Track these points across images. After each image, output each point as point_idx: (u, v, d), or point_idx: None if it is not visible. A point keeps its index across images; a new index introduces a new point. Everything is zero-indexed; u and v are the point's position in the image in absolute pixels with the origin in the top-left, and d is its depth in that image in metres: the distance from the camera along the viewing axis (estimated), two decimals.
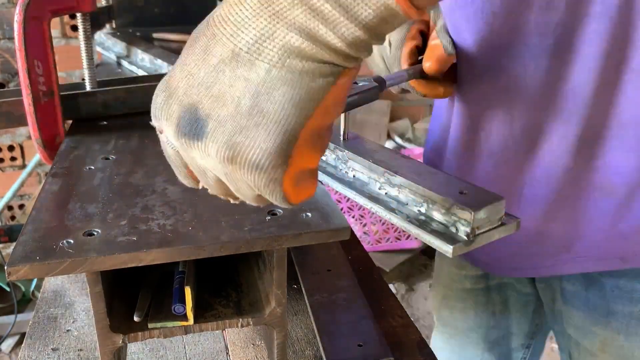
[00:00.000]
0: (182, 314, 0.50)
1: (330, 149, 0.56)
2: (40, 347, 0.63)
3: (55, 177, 0.54)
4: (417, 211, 0.49)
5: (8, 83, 2.26)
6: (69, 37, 2.34)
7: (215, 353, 0.64)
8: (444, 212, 0.46)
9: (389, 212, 0.50)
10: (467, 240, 0.45)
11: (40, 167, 2.39)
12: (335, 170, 0.56)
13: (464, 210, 0.45)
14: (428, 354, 0.64)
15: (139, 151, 0.61)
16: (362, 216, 2.38)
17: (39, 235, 0.44)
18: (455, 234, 0.45)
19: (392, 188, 0.51)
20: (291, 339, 0.66)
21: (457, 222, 0.45)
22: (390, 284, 2.32)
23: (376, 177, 0.52)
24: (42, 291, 0.73)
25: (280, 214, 0.48)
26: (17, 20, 0.62)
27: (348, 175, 0.55)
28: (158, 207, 0.48)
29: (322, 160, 0.57)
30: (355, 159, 0.54)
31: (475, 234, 0.45)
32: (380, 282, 0.77)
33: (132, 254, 0.42)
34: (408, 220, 0.48)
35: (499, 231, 0.46)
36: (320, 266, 0.76)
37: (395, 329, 0.68)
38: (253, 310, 0.52)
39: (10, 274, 0.40)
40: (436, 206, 0.47)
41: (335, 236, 0.46)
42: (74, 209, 0.48)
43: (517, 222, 0.47)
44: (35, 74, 0.63)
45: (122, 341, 0.48)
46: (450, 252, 0.44)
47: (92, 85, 0.72)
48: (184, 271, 0.52)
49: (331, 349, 0.60)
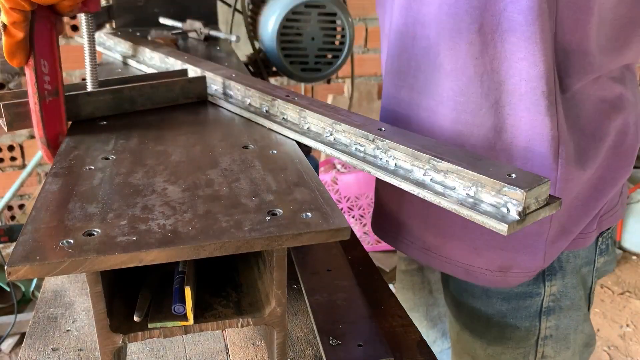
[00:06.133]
0: (182, 314, 0.50)
1: (369, 139, 0.58)
2: (40, 347, 0.63)
3: (55, 177, 0.54)
4: (466, 194, 0.50)
5: (8, 83, 2.26)
6: (69, 37, 2.34)
7: (215, 353, 0.64)
8: (494, 194, 0.48)
9: (437, 196, 0.51)
10: (519, 219, 0.47)
11: (40, 167, 2.40)
12: (376, 159, 0.58)
13: (515, 190, 0.46)
14: (428, 354, 0.64)
15: (139, 151, 0.61)
16: (362, 216, 2.38)
17: (39, 235, 0.44)
18: (507, 214, 0.47)
19: (438, 174, 0.52)
20: (291, 339, 0.66)
21: (508, 202, 0.47)
22: (390, 284, 2.32)
23: (420, 164, 0.53)
24: (42, 291, 0.73)
25: (281, 214, 0.48)
26: None
27: (390, 164, 0.56)
28: (158, 207, 0.49)
29: (361, 150, 0.59)
30: (398, 148, 0.55)
31: (526, 213, 0.47)
32: (380, 282, 0.77)
33: (132, 254, 0.42)
34: (459, 202, 0.50)
35: (544, 210, 0.48)
36: (320, 266, 0.76)
37: (395, 329, 0.68)
38: (253, 310, 0.52)
39: (10, 274, 0.40)
40: (486, 188, 0.49)
41: (335, 236, 0.46)
42: (74, 209, 0.48)
43: (559, 202, 0.49)
44: (42, 72, 0.63)
45: (122, 341, 0.48)
46: (506, 230, 0.46)
47: (94, 86, 0.73)
48: (184, 271, 0.52)
49: (331, 349, 0.61)
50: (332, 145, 0.61)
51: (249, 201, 0.50)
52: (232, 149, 0.62)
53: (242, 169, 0.56)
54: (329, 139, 0.62)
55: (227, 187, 0.53)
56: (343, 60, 1.18)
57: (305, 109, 0.64)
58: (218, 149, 0.62)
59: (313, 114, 0.63)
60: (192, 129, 0.68)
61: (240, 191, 0.52)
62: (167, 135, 0.65)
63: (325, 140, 0.62)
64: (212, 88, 0.77)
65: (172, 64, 0.86)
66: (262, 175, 0.55)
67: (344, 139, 0.61)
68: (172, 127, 0.68)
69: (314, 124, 0.64)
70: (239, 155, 0.60)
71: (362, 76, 2.76)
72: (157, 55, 0.90)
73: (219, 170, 0.56)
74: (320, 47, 1.15)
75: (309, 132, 0.64)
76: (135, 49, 0.97)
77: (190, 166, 0.57)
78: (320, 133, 0.63)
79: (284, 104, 0.67)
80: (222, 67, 0.80)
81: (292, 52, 1.14)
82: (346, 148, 0.60)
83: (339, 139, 0.61)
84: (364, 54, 2.72)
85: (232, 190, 0.52)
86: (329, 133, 0.62)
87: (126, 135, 0.65)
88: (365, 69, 2.75)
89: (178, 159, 0.59)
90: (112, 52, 1.03)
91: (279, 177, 0.55)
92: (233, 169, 0.56)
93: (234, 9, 1.35)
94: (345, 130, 0.60)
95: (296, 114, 0.66)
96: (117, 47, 1.02)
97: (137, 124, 0.69)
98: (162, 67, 0.89)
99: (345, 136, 0.60)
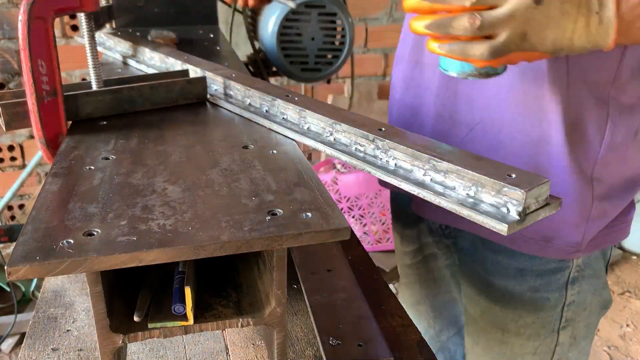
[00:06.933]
0: (182, 314, 0.50)
1: (369, 139, 0.58)
2: (40, 347, 0.63)
3: (55, 177, 0.54)
4: (466, 194, 0.50)
5: (8, 83, 2.26)
6: (69, 37, 2.34)
7: (215, 353, 0.64)
8: (494, 194, 0.48)
9: (437, 196, 0.51)
10: (519, 219, 0.47)
11: (40, 167, 2.39)
12: (376, 159, 0.58)
13: (515, 191, 0.47)
14: (428, 354, 0.64)
15: (139, 151, 0.61)
16: (362, 216, 2.38)
17: (39, 235, 0.44)
18: (507, 214, 0.47)
19: (438, 174, 0.52)
20: (291, 339, 0.66)
21: (508, 202, 0.47)
22: (390, 284, 2.32)
23: (420, 164, 0.54)
24: (42, 291, 0.73)
25: (281, 214, 0.48)
26: (21, 19, 0.62)
27: (390, 164, 0.56)
28: (158, 207, 0.48)
29: (361, 150, 0.59)
30: (397, 148, 0.55)
31: (526, 213, 0.47)
32: (380, 282, 0.77)
33: (132, 254, 0.42)
34: (459, 202, 0.50)
35: (544, 210, 0.49)
36: (320, 266, 0.76)
37: (395, 329, 0.68)
38: (253, 310, 0.52)
39: (10, 274, 0.40)
40: (486, 189, 0.49)
41: (335, 236, 0.46)
42: (74, 209, 0.48)
43: (559, 202, 0.50)
44: (39, 73, 0.63)
45: (122, 341, 0.48)
46: (506, 230, 0.46)
47: (98, 85, 0.73)
48: (184, 271, 0.52)
49: (331, 349, 0.60)
50: (332, 145, 0.61)
51: (249, 201, 0.50)
52: (232, 149, 0.62)
53: (242, 169, 0.56)
54: (329, 139, 0.62)
55: (227, 187, 0.53)
56: (343, 60, 1.18)
57: (305, 109, 0.64)
58: (218, 149, 0.62)
59: (313, 114, 0.63)
60: (192, 129, 0.68)
61: (240, 191, 0.52)
62: (167, 135, 0.65)
63: (325, 140, 0.62)
64: (212, 88, 0.77)
65: (172, 64, 0.86)
66: (262, 175, 0.55)
67: (344, 139, 0.61)
68: (172, 127, 0.68)
69: (314, 124, 0.64)
70: (239, 155, 0.60)
71: (362, 76, 2.76)
72: (157, 55, 0.90)
73: (219, 170, 0.56)
74: (320, 47, 1.15)
75: (309, 132, 0.64)
76: (135, 49, 0.97)
77: (190, 166, 0.57)
78: (320, 133, 0.63)
79: (284, 104, 0.67)
80: (222, 67, 0.80)
81: (292, 52, 1.14)
82: (346, 148, 0.60)
83: (339, 139, 0.61)
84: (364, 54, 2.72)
85: (232, 190, 0.52)
86: (329, 133, 0.62)
87: (126, 135, 0.65)
88: (365, 69, 2.75)
89: (178, 159, 0.59)
90: (112, 52, 1.03)
91: (279, 177, 0.55)
92: (233, 169, 0.56)
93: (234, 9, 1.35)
94: (345, 130, 0.60)
95: (296, 114, 0.66)
96: (117, 47, 1.02)
97: (137, 123, 0.69)
98: (162, 67, 0.89)
99: (345, 136, 0.60)
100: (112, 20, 1.11)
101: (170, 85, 0.75)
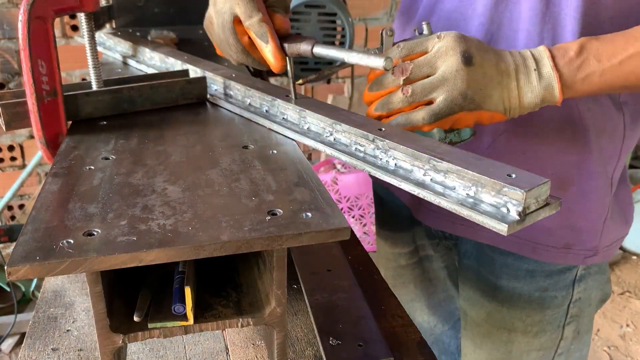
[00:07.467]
0: (182, 314, 0.50)
1: (369, 139, 0.58)
2: (40, 347, 0.63)
3: (55, 177, 0.54)
4: (466, 195, 0.50)
5: (8, 83, 2.26)
6: (69, 37, 2.34)
7: (215, 353, 0.64)
8: (494, 194, 0.48)
9: (437, 196, 0.51)
10: (519, 219, 0.47)
11: (40, 167, 2.39)
12: (376, 159, 0.58)
13: (515, 191, 0.47)
14: (428, 354, 0.64)
15: (139, 151, 0.61)
16: (362, 216, 2.38)
17: (39, 235, 0.44)
18: (507, 214, 0.47)
19: (438, 174, 0.52)
20: (291, 339, 0.66)
21: (508, 202, 0.47)
22: None
23: (420, 164, 0.54)
24: (42, 291, 0.73)
25: (281, 214, 0.48)
26: (21, 19, 0.62)
27: (390, 164, 0.56)
28: (158, 207, 0.48)
29: (361, 150, 0.59)
30: (397, 148, 0.55)
31: (525, 213, 0.47)
32: (380, 282, 0.77)
33: (132, 254, 0.42)
34: (459, 202, 0.50)
35: (544, 210, 0.49)
36: (320, 266, 0.76)
37: (395, 329, 0.68)
38: (253, 310, 0.52)
39: (10, 274, 0.40)
40: (486, 189, 0.49)
41: (335, 236, 0.46)
42: (74, 209, 0.48)
43: (559, 202, 0.50)
44: (39, 73, 0.63)
45: (122, 341, 0.48)
46: (505, 230, 0.46)
47: (98, 85, 0.73)
48: (184, 271, 0.52)
49: (331, 349, 0.61)
50: (332, 145, 0.61)
51: (249, 201, 0.50)
52: (232, 149, 0.62)
53: (242, 169, 0.56)
54: (329, 139, 0.62)
55: (227, 187, 0.53)
56: None
57: (306, 109, 0.64)
58: (218, 149, 0.62)
59: (313, 114, 0.63)
60: (192, 129, 0.68)
61: (240, 191, 0.52)
62: (167, 135, 0.65)
63: (325, 140, 0.62)
64: (213, 88, 0.77)
65: (172, 64, 0.86)
66: (262, 175, 0.55)
67: (344, 139, 0.61)
68: (172, 127, 0.68)
69: (314, 124, 0.64)
70: (239, 155, 0.60)
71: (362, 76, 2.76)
72: (157, 55, 0.90)
73: (219, 170, 0.56)
74: None
75: (309, 132, 0.64)
76: (135, 49, 0.97)
77: (190, 166, 0.57)
78: (320, 133, 0.63)
79: (284, 104, 0.67)
80: (222, 67, 0.80)
81: None
82: (346, 148, 0.60)
83: (339, 139, 0.61)
84: None
85: (232, 190, 0.52)
86: (329, 133, 0.62)
87: (126, 135, 0.65)
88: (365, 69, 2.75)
89: (178, 159, 0.59)
90: (112, 52, 1.03)
91: (279, 177, 0.55)
92: (233, 169, 0.56)
93: None
94: (345, 130, 0.60)
95: (296, 114, 0.66)
96: (117, 47, 1.02)
97: (137, 123, 0.69)
98: (162, 67, 0.89)
99: (345, 136, 0.60)
100: (112, 20, 1.11)
101: (170, 85, 0.75)
